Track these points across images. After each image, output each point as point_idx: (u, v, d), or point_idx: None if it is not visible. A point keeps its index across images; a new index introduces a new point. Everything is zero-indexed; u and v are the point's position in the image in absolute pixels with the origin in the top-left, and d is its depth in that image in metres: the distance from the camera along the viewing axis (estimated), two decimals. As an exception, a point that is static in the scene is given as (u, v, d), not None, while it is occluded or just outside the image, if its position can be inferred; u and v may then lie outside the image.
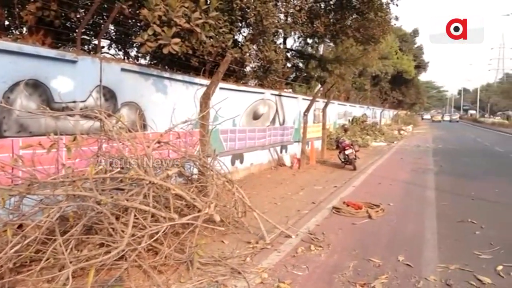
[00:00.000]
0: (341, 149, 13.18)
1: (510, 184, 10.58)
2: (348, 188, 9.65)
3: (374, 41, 15.46)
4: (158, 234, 4.21)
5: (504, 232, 6.19)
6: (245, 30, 12.37)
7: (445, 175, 12.04)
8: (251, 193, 8.68)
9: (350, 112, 25.23)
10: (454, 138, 30.36)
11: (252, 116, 11.40)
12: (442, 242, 5.68)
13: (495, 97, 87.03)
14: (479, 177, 11.69)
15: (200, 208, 4.85)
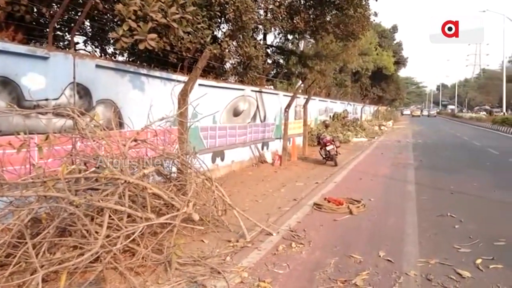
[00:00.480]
0: (323, 145, 13.20)
1: (487, 177, 10.76)
2: (330, 184, 9.66)
3: (353, 37, 15.55)
4: (134, 235, 4.09)
5: (482, 225, 6.27)
6: (224, 26, 12.28)
7: (425, 169, 12.19)
8: (232, 191, 8.62)
9: (331, 108, 25.33)
10: (434, 133, 30.84)
11: (232, 113, 11.30)
12: (423, 236, 5.72)
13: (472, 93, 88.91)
14: (458, 170, 11.87)
15: (178, 207, 4.75)
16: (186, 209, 4.56)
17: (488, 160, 14.51)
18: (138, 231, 4.12)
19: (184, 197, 5.15)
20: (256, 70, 12.81)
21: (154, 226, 4.78)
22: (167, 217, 4.48)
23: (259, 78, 14.01)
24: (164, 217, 4.46)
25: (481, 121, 45.92)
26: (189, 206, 4.63)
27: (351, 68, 33.01)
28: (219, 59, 10.88)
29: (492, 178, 10.76)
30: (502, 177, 10.97)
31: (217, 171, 10.39)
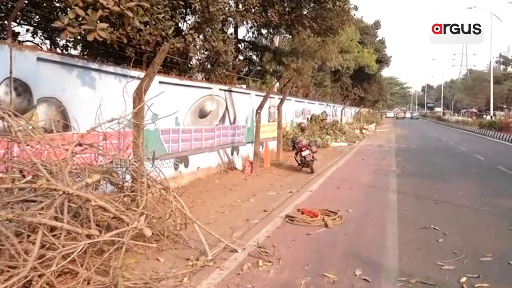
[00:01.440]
0: (298, 150, 13.15)
1: (473, 185, 10.91)
2: (305, 194, 9.58)
3: (332, 33, 15.63)
4: (74, 255, 3.84)
5: (468, 239, 6.26)
6: (189, 17, 12.08)
7: (408, 176, 12.28)
8: (196, 201, 8.44)
9: (309, 109, 25.42)
10: (418, 137, 31.39)
11: (198, 114, 11.11)
12: (404, 251, 5.66)
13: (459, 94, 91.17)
14: (442, 178, 12.00)
15: (128, 222, 4.52)
16: (136, 224, 4.34)
17: (474, 166, 14.76)
18: (78, 250, 3.87)
19: (137, 210, 4.92)
20: (225, 67, 12.67)
21: (101, 244, 4.55)
22: (113, 233, 4.25)
23: (228, 76, 13.86)
24: (109, 234, 4.23)
25: (467, 124, 47.12)
26: (140, 220, 4.41)
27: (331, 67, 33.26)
28: (184, 54, 10.67)
29: (478, 186, 10.91)
30: (488, 185, 11.14)
31: (180, 179, 10.19)
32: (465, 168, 14.46)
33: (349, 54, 37.76)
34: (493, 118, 42.63)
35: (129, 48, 8.94)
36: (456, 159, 17.17)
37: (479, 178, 12.26)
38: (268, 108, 16.76)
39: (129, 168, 5.76)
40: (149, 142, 8.27)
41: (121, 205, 5.05)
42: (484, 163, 15.85)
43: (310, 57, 18.75)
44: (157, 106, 7.42)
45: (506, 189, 10.62)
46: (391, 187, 10.61)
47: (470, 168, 14.25)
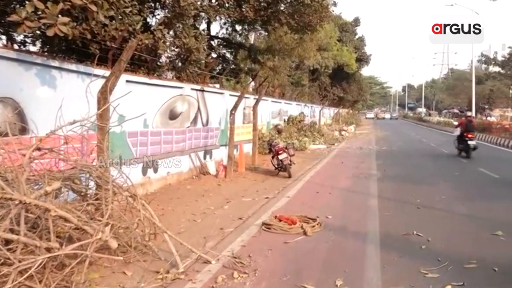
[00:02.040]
0: (275, 154, 13.14)
1: (456, 189, 11.12)
2: (282, 200, 9.57)
3: (310, 30, 15.72)
4: (32, 270, 3.72)
5: (451, 245, 6.37)
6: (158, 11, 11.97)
7: (389, 180, 12.43)
8: (166, 209, 8.35)
9: (286, 110, 25.52)
10: (399, 139, 31.87)
11: (168, 115, 10.99)
12: (386, 259, 5.70)
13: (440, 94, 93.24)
14: (425, 182, 12.20)
15: (91, 233, 4.41)
16: (101, 235, 4.24)
17: (456, 169, 15.08)
18: (37, 265, 3.75)
19: (101, 220, 4.81)
20: (197, 65, 12.61)
21: (62, 257, 4.42)
22: (75, 245, 4.14)
23: (200, 75, 13.81)
24: (71, 246, 4.11)
25: (449, 125, 48.07)
26: (105, 231, 4.31)
27: (309, 65, 33.57)
28: (152, 51, 10.55)
29: (461, 189, 11.13)
30: (471, 188, 11.39)
31: (149, 185, 10.07)
32: (447, 171, 14.73)
33: (328, 52, 38.17)
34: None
35: (93, 45, 8.76)
36: (438, 162, 17.50)
37: (462, 181, 12.52)
38: (243, 109, 16.73)
39: (93, 174, 5.63)
40: (114, 145, 8.15)
41: (84, 215, 4.93)
42: (467, 166, 16.19)
43: (287, 55, 18.86)
44: (123, 107, 7.31)
45: (489, 193, 10.87)
46: (371, 191, 10.72)
47: (452, 171, 14.54)
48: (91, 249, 4.26)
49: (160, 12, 11.86)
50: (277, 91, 26.99)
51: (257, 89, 20.90)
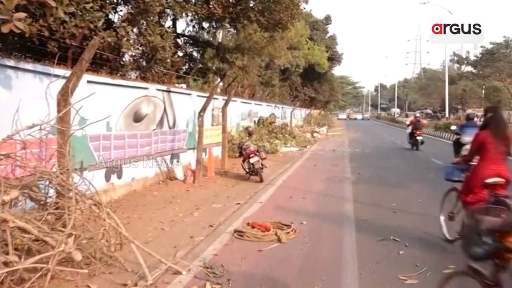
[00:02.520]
0: (245, 157, 13.16)
1: (432, 192, 11.33)
2: (254, 205, 9.59)
3: (281, 28, 15.85)
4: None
5: (430, 250, 6.51)
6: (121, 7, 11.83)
7: (363, 183, 12.62)
8: (132, 217, 8.23)
9: (256, 111, 25.58)
10: (372, 140, 32.42)
11: (132, 117, 10.86)
12: (363, 266, 5.78)
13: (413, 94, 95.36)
14: (400, 184, 12.45)
15: (53, 245, 4.31)
16: (63, 247, 4.15)
17: (431, 171, 15.39)
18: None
19: (63, 230, 4.71)
20: (163, 64, 12.52)
21: (21, 271, 4.30)
22: (36, 258, 4.04)
23: (167, 75, 13.70)
24: (31, 259, 4.01)
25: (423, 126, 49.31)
26: (68, 242, 4.22)
27: (279, 64, 33.76)
28: (115, 49, 10.43)
29: (437, 192, 11.28)
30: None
31: (113, 192, 9.93)
32: (422, 173, 15.05)
33: (299, 51, 38.53)
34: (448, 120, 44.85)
35: (51, 43, 8.59)
36: (413, 164, 17.87)
37: (438, 183, 12.72)
38: (212, 111, 16.69)
39: (54, 181, 5.51)
40: (76, 150, 7.98)
41: (45, 225, 4.82)
42: (442, 168, 16.52)
43: (257, 54, 18.96)
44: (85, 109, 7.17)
45: (465, 195, 11.14)
46: (346, 195, 10.85)
47: (427, 173, 14.85)
48: (53, 262, 4.16)
49: (123, 8, 11.75)
50: (247, 91, 27.05)
51: (226, 89, 20.90)
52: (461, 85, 61.25)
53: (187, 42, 18.05)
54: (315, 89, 52.49)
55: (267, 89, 34.04)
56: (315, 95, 52.93)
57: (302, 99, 47.38)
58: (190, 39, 18.03)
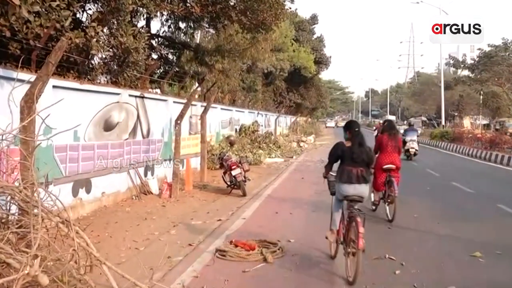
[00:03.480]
0: (227, 169, 13.15)
1: (429, 206, 11.52)
2: (237, 222, 9.59)
3: (265, 28, 15.94)
4: None
5: (427, 269, 6.58)
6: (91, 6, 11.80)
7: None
8: (103, 236, 8.19)
9: (237, 119, 25.64)
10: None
11: (103, 126, 10.80)
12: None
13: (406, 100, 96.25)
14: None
15: (17, 267, 4.25)
16: (28, 270, 4.09)
17: (428, 183, 15.60)
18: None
19: (28, 251, 4.64)
20: (136, 67, 12.48)
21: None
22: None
23: (140, 79, 13.66)
24: (-7, 284, 3.94)
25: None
26: (33, 264, 4.16)
27: (262, 68, 33.92)
28: (84, 51, 10.37)
29: (434, 206, 11.53)
30: (445, 205, 11.82)
31: (81, 208, 9.86)
32: (418, 185, 15.20)
33: (283, 53, 38.80)
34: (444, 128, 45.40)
35: (14, 44, 8.51)
36: (408, 176, 17.94)
37: (435, 197, 12.95)
38: (189, 118, 16.67)
39: (16, 196, 5.44)
40: (40, 162, 7.90)
41: (7, 246, 4.74)
42: (439, 180, 16.78)
43: (238, 57, 19.01)
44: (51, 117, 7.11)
45: (463, 210, 11.33)
46: (337, 210, 10.90)
47: (423, 186, 15.02)
48: (17, 286, 4.10)
49: (93, 7, 11.72)
50: (228, 97, 27.09)
51: (205, 95, 20.91)
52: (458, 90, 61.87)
53: (162, 44, 18.05)
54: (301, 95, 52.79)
55: (250, 95, 34.14)
56: (301, 101, 53.22)
57: (287, 105, 47.56)
58: (165, 40, 18.04)
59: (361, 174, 6.46)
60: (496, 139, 27.87)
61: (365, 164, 6.60)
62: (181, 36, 18.68)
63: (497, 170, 21.32)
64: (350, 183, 6.41)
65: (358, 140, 6.70)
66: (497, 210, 11.12)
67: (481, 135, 32.07)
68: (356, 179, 6.42)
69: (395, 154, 10.25)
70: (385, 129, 10.75)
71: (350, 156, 6.56)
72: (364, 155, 6.61)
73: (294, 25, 44.85)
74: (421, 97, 78.23)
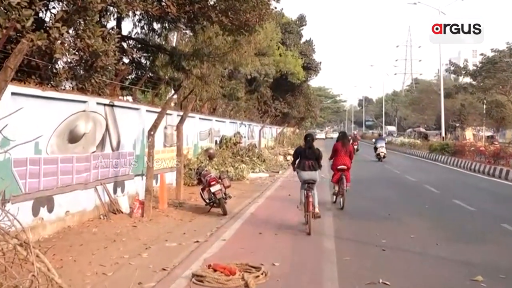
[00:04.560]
0: (205, 185, 13.12)
1: (427, 226, 11.61)
2: (216, 244, 9.58)
3: (248, 30, 16.04)
4: None
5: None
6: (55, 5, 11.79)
7: (347, 216, 12.79)
8: (66, 260, 8.13)
9: (218, 130, 25.65)
10: (358, 164, 32.79)
11: (67, 137, 10.75)
12: (348, 316, 5.84)
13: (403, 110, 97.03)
14: (390, 217, 12.64)
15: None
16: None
17: (426, 201, 15.73)
18: None
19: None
20: (105, 72, 12.45)
21: None
22: None
23: (110, 85, 13.63)
24: None
25: (415, 147, 50.19)
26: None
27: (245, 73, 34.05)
28: (47, 54, 10.35)
29: (433, 226, 11.62)
30: (445, 224, 11.92)
31: (42, 229, 9.79)
32: (415, 203, 15.35)
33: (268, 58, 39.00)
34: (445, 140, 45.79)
35: (-32, 47, 8.50)
36: (405, 193, 18.20)
37: (433, 216, 13.06)
38: (164, 129, 16.65)
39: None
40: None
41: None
42: (438, 197, 16.94)
43: (219, 61, 19.10)
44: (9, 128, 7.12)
45: (465, 229, 11.44)
46: (326, 231, 10.95)
47: (421, 204, 15.15)
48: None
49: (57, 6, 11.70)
50: (207, 105, 27.11)
51: (182, 103, 20.93)
52: (459, 99, 62.60)
53: (135, 47, 18.04)
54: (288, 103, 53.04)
55: (231, 103, 34.20)
56: (288, 110, 53.47)
57: (273, 114, 47.74)
58: (138, 43, 18.05)
59: (311, 165, 11.17)
60: (500, 152, 28.15)
61: (314, 159, 11.27)
62: (156, 38, 18.71)
63: (501, 186, 21.56)
64: (305, 170, 11.18)
65: (308, 145, 11.46)
66: (501, 230, 11.24)
67: (484, 148, 32.39)
68: (309, 168, 11.15)
69: (346, 158, 14.54)
70: (339, 138, 15.43)
71: (304, 154, 11.39)
72: (313, 154, 11.35)
73: (280, 27, 45.12)
74: (419, 106, 78.90)
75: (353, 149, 16.60)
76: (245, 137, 31.74)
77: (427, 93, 75.45)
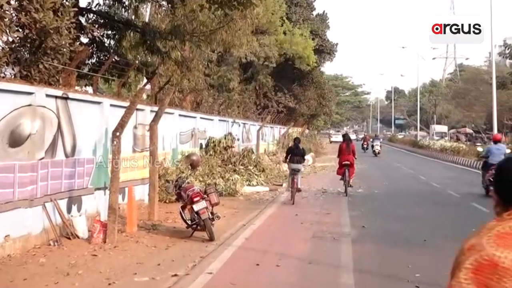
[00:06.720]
0: (187, 202, 13.08)
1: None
2: (200, 278, 9.57)
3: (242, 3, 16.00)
4: None
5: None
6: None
7: (369, 242, 12.76)
8: (4, 299, 8.11)
9: (203, 130, 25.62)
10: (383, 174, 32.77)
11: (7, 139, 10.78)
12: None
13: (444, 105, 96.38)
14: (426, 244, 12.59)
15: None
16: None
17: (473, 223, 15.47)
18: None
19: None
20: (57, 55, 12.47)
21: None
22: None
23: (63, 72, 13.64)
24: None
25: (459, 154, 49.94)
26: None
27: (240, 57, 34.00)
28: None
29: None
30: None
31: (-26, 258, 9.77)
32: (459, 226, 15.27)
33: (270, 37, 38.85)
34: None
35: None
36: (445, 212, 18.12)
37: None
38: (134, 129, 16.68)
39: None
40: None
41: None
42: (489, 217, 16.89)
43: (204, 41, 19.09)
44: None
45: None
46: (343, 261, 10.94)
47: (467, 227, 15.07)
48: None
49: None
50: (189, 98, 27.09)
51: (156, 95, 20.91)
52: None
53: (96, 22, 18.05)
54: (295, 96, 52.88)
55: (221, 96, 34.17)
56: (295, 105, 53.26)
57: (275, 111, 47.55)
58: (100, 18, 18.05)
59: (298, 159, 20.21)
60: None
61: (300, 155, 20.46)
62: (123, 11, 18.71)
63: None
64: (294, 163, 20.08)
65: (296, 145, 20.82)
66: None
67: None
68: (297, 161, 20.18)
69: (350, 155, 22.69)
70: (344, 139, 24.29)
71: (294, 151, 20.49)
72: (299, 151, 20.56)
73: (285, -1, 44.98)
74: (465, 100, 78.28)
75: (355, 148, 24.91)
76: (239, 140, 31.65)
77: (476, 84, 74.97)
